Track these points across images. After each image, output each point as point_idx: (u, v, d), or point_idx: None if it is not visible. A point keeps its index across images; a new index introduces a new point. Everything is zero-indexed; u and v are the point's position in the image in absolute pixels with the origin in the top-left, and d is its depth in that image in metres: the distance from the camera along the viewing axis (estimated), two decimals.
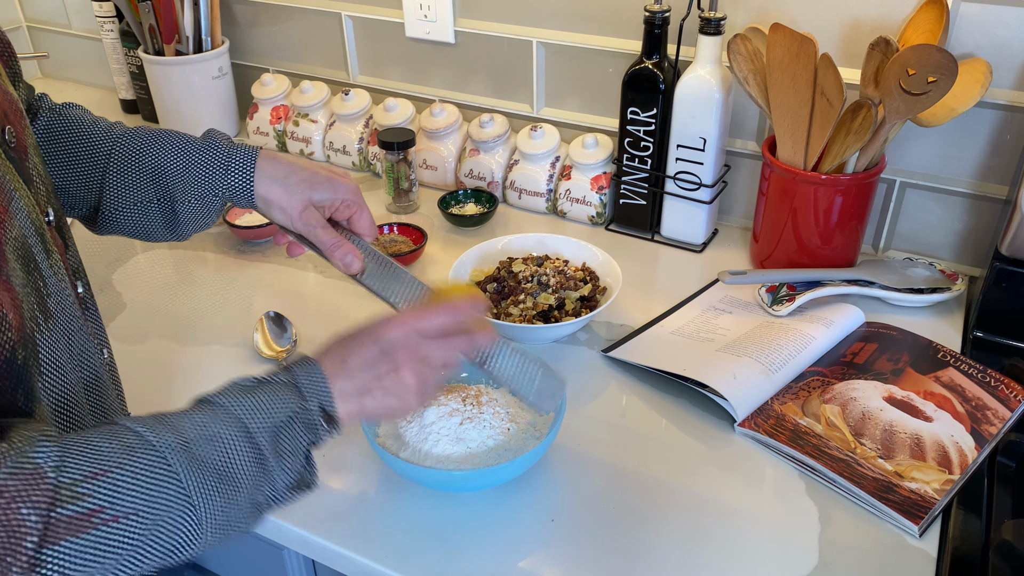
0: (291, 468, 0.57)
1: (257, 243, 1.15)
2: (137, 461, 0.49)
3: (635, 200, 1.14)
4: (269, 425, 0.56)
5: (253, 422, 0.55)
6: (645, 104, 1.06)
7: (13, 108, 0.58)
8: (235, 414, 0.55)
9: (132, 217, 0.74)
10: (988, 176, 1.00)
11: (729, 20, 1.04)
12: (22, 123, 0.59)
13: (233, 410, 0.55)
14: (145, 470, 0.49)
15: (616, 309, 1.00)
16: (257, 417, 0.56)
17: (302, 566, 0.83)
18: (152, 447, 0.50)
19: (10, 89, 0.59)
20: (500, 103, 1.27)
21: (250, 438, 0.55)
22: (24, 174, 0.57)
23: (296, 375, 0.59)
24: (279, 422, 0.56)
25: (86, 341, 0.61)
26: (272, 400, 0.57)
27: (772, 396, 0.84)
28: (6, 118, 0.56)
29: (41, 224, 0.56)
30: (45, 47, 1.73)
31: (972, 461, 0.75)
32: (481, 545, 0.70)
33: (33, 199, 0.56)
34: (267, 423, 0.56)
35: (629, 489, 0.75)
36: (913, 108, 0.87)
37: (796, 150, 0.96)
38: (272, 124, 1.39)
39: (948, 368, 0.87)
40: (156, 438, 0.51)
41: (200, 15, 1.32)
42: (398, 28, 1.29)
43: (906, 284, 0.98)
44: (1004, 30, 0.92)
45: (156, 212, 0.74)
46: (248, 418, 0.55)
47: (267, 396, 0.57)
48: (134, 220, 0.74)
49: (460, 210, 1.21)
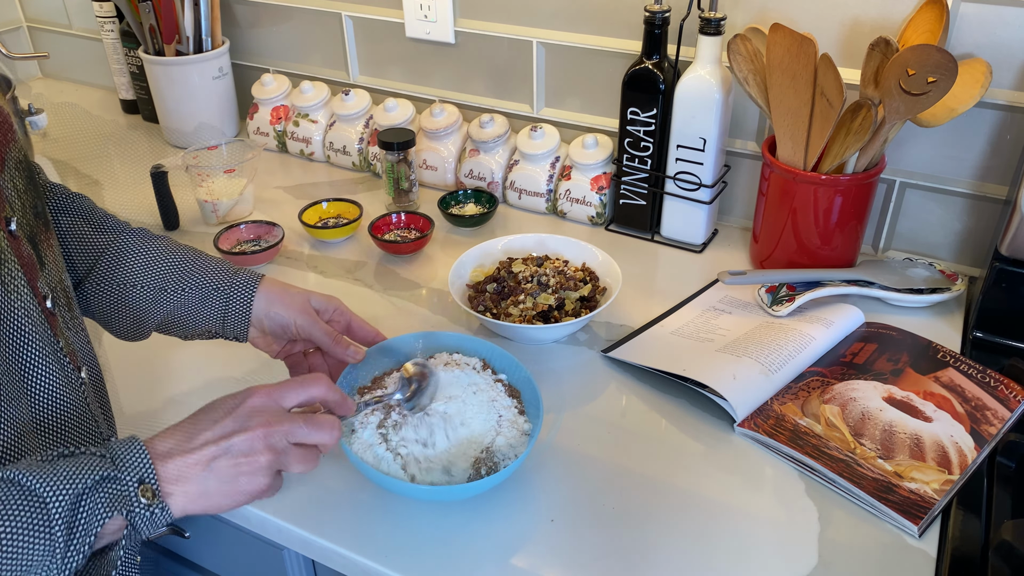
0: (78, 550, 0.50)
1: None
2: None
3: (635, 200, 1.14)
4: (68, 493, 0.49)
5: (47, 489, 0.49)
6: (645, 104, 1.06)
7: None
8: (26, 485, 0.49)
9: (104, 307, 0.76)
10: (988, 176, 1.00)
11: (729, 20, 1.04)
12: (7, 136, 0.59)
13: (21, 480, 0.49)
14: None
15: (616, 309, 1.00)
16: (53, 483, 0.49)
17: (302, 566, 0.83)
18: None
19: (1, 102, 0.59)
20: (500, 103, 1.27)
21: (43, 508, 0.48)
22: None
23: (111, 447, 0.54)
24: (80, 490, 0.50)
25: (50, 361, 0.58)
26: (77, 467, 0.51)
27: (772, 396, 0.84)
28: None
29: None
30: (45, 47, 1.73)
31: (972, 461, 0.75)
32: (481, 545, 0.70)
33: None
34: (65, 491, 0.49)
35: (629, 489, 0.75)
36: (913, 108, 0.87)
37: (796, 150, 0.96)
38: (272, 124, 1.39)
39: (948, 368, 0.87)
40: None
41: (200, 15, 1.33)
42: (398, 28, 1.29)
43: (906, 284, 0.98)
44: (1004, 30, 0.92)
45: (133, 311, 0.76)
46: (41, 486, 0.49)
47: (71, 465, 0.51)
48: (105, 310, 0.76)
49: (460, 210, 1.21)
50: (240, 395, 0.60)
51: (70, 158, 1.41)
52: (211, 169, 1.18)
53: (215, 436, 0.57)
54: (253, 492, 0.58)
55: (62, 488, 0.50)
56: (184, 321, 0.77)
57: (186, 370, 0.92)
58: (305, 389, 0.62)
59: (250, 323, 0.76)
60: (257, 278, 0.77)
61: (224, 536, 0.84)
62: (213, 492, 0.56)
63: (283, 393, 0.61)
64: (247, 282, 0.76)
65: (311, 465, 0.61)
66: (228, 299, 0.76)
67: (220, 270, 0.77)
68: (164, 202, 1.18)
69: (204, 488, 0.56)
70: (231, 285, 0.76)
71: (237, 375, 0.90)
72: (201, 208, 1.20)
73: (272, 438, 0.58)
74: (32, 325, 0.56)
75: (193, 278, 0.76)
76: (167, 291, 0.75)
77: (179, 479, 0.55)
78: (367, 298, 1.04)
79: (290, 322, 0.75)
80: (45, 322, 0.58)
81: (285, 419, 0.59)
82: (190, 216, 1.22)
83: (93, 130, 1.53)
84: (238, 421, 0.58)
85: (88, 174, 1.35)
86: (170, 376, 0.91)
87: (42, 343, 0.57)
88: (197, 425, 0.58)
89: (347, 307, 0.79)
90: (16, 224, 0.58)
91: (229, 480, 0.56)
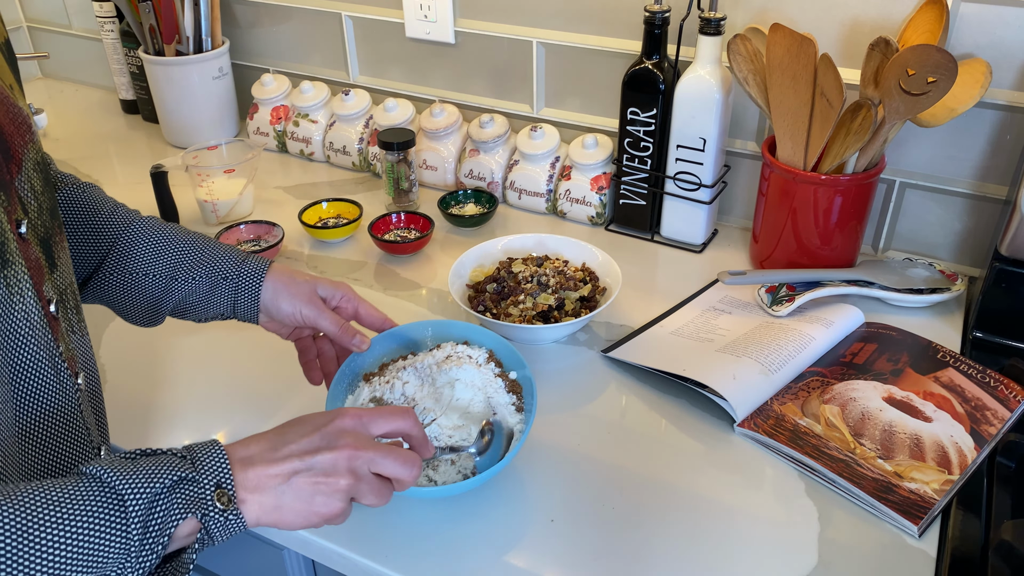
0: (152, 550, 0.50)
1: None
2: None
3: (635, 200, 1.14)
4: (147, 492, 0.49)
5: (126, 486, 0.49)
6: (645, 104, 1.06)
7: (16, 121, 0.57)
8: (107, 481, 0.49)
9: (118, 296, 0.77)
10: (988, 176, 1.00)
11: (729, 20, 1.04)
12: (25, 137, 0.58)
13: (102, 476, 0.49)
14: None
15: (616, 309, 1.00)
16: (132, 481, 0.49)
17: (302, 566, 0.83)
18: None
19: (21, 104, 0.59)
20: (500, 103, 1.27)
21: (120, 505, 0.49)
22: (2, 183, 0.55)
23: (193, 448, 0.54)
24: (158, 489, 0.50)
25: (46, 366, 0.57)
26: (156, 467, 0.51)
27: (772, 396, 0.84)
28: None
29: (4, 233, 0.53)
30: (45, 47, 1.73)
31: (971, 461, 0.75)
32: (481, 545, 0.70)
33: (1, 208, 0.53)
34: (145, 489, 0.49)
35: (629, 489, 0.75)
36: (913, 108, 0.87)
37: (796, 150, 0.96)
38: (272, 124, 1.39)
39: (948, 368, 0.87)
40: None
41: (200, 15, 1.32)
42: (398, 28, 1.29)
43: (906, 284, 0.98)
44: (1004, 30, 0.92)
45: (147, 299, 0.77)
46: (121, 483, 0.49)
47: (151, 464, 0.51)
48: (119, 298, 0.77)
49: (460, 210, 1.21)
50: (331, 414, 0.59)
51: (70, 158, 1.41)
52: (211, 169, 1.18)
53: (300, 450, 0.56)
54: (326, 515, 0.56)
55: (141, 486, 0.49)
56: (196, 307, 0.78)
57: (183, 376, 0.92)
58: (394, 421, 0.61)
59: (259, 311, 0.77)
60: (264, 267, 0.77)
61: None
62: (287, 507, 0.55)
63: (373, 420, 0.60)
64: (254, 272, 0.77)
65: (384, 500, 0.59)
66: (237, 288, 0.76)
67: (229, 258, 0.78)
68: (164, 202, 1.18)
69: (279, 501, 0.55)
70: (239, 274, 0.77)
71: (240, 380, 0.90)
72: (201, 208, 1.20)
73: (356, 461, 0.57)
74: (30, 329, 0.56)
75: (203, 267, 0.77)
76: (178, 279, 0.76)
77: (256, 488, 0.54)
78: (367, 298, 1.03)
79: (296, 312, 0.76)
80: (46, 326, 0.57)
81: (372, 446, 0.58)
82: (190, 216, 1.22)
83: (93, 130, 1.53)
84: (326, 439, 0.57)
85: (88, 174, 1.35)
86: (166, 382, 0.91)
87: (39, 348, 0.57)
88: (284, 437, 0.57)
89: (355, 293, 0.79)
90: (28, 226, 0.57)
91: (306, 498, 0.55)
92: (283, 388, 0.87)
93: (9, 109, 0.57)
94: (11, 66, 0.61)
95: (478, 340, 0.82)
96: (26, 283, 0.56)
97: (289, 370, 0.82)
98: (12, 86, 0.59)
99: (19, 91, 0.61)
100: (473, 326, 0.82)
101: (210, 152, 1.23)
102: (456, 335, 0.82)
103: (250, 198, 1.23)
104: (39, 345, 0.57)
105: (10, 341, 0.54)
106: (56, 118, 1.57)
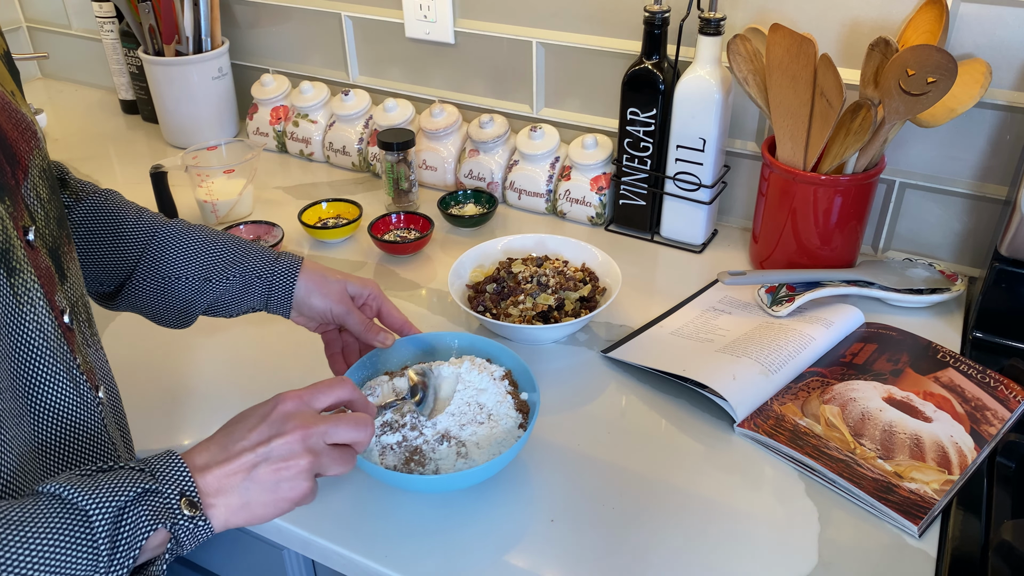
0: (122, 564, 0.49)
1: None
2: None
3: (635, 201, 1.14)
4: (111, 507, 0.48)
5: (89, 502, 0.48)
6: (645, 104, 1.06)
7: (20, 127, 0.57)
8: (68, 499, 0.48)
9: (151, 302, 0.78)
10: (988, 176, 1.00)
11: (729, 20, 1.04)
12: (30, 143, 0.58)
13: (62, 494, 0.48)
14: None
15: (616, 310, 1.00)
16: (95, 497, 0.48)
17: (302, 566, 0.83)
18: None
19: (24, 110, 0.58)
20: (500, 103, 1.27)
21: (86, 522, 0.48)
22: (7, 187, 0.54)
23: (149, 461, 0.53)
24: (122, 503, 0.49)
25: (63, 378, 0.56)
26: (117, 481, 0.50)
27: (771, 396, 0.84)
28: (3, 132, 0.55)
29: (10, 239, 0.52)
30: (45, 47, 1.73)
31: (971, 461, 0.75)
32: (481, 545, 0.70)
33: (7, 213, 0.53)
34: (108, 504, 0.48)
35: (629, 489, 0.75)
36: (913, 109, 0.87)
37: (796, 150, 0.96)
38: (272, 124, 1.39)
39: (947, 369, 0.87)
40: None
41: (200, 15, 1.33)
42: (398, 28, 1.29)
43: (906, 285, 0.98)
44: (1004, 30, 0.92)
45: (181, 302, 0.78)
46: (83, 500, 0.48)
47: (111, 478, 0.50)
48: (152, 304, 0.78)
49: (460, 211, 1.21)
50: (270, 402, 0.59)
51: (70, 158, 1.41)
52: (211, 169, 1.18)
53: (252, 443, 0.56)
54: (294, 498, 0.57)
55: (104, 501, 0.49)
56: (229, 306, 0.79)
57: (198, 380, 0.92)
58: (333, 392, 0.62)
59: (291, 308, 0.79)
60: (298, 264, 0.78)
61: (224, 536, 0.84)
62: (255, 502, 0.55)
63: (313, 396, 0.61)
64: (288, 269, 0.78)
65: (349, 466, 0.60)
66: (270, 286, 0.78)
67: (261, 256, 0.79)
68: (164, 202, 1.17)
69: (246, 499, 0.55)
70: (273, 272, 0.78)
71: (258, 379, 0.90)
72: (201, 208, 1.20)
73: (310, 440, 0.57)
74: (44, 339, 0.54)
75: (236, 267, 0.77)
76: (211, 281, 0.77)
77: (219, 491, 0.54)
78: None
79: (327, 310, 0.78)
80: (61, 337, 0.56)
81: (320, 420, 0.58)
82: (190, 216, 1.22)
83: (93, 130, 1.53)
84: (274, 426, 0.57)
85: (88, 174, 1.35)
86: (180, 387, 0.91)
87: (55, 359, 0.55)
88: (231, 435, 0.57)
89: (381, 292, 0.81)
90: (35, 234, 0.56)
91: (271, 488, 0.55)
92: (300, 383, 0.87)
93: (12, 115, 0.56)
94: (12, 74, 0.60)
95: (499, 359, 0.81)
96: (36, 292, 0.54)
97: (304, 367, 0.84)
98: (14, 92, 0.59)
99: (21, 97, 0.60)
100: (498, 345, 0.81)
101: (210, 152, 1.23)
102: (479, 350, 0.82)
103: (250, 198, 1.23)
104: (55, 357, 0.55)
105: (21, 352, 0.53)
106: (56, 118, 1.57)
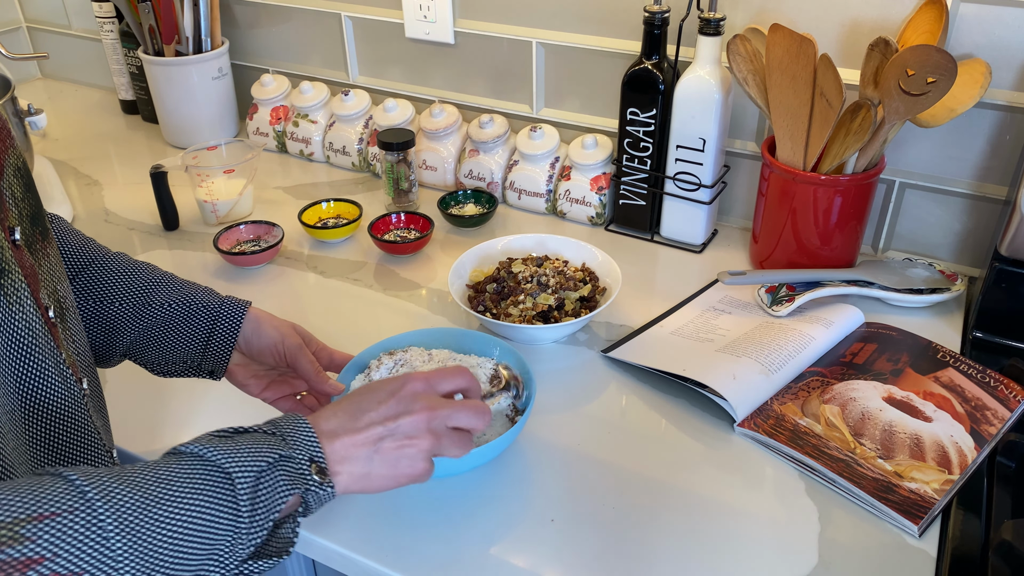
0: (261, 526, 0.51)
1: (249, 269, 1.11)
2: (75, 514, 0.44)
3: (635, 200, 1.14)
4: (252, 470, 0.50)
5: (232, 465, 0.50)
6: (645, 105, 1.06)
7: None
8: (212, 460, 0.50)
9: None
10: (987, 176, 1.00)
11: (729, 20, 1.04)
12: (5, 142, 0.58)
13: (207, 455, 0.50)
14: (80, 523, 0.43)
15: (616, 309, 1.00)
16: (237, 460, 0.50)
17: (302, 566, 0.83)
18: (86, 499, 0.44)
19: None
20: (500, 103, 1.27)
21: (229, 483, 0.49)
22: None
23: (279, 425, 0.55)
24: (262, 467, 0.51)
25: (52, 373, 0.56)
26: (255, 445, 0.52)
27: (772, 396, 0.84)
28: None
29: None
30: (45, 47, 1.73)
31: (972, 461, 0.75)
32: (481, 545, 0.70)
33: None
34: (250, 467, 0.50)
35: (629, 489, 0.75)
36: (912, 109, 0.87)
37: (795, 151, 0.96)
38: (272, 125, 1.39)
39: (948, 368, 0.87)
40: (95, 490, 0.45)
41: (200, 16, 1.33)
42: (398, 28, 1.29)
43: (905, 284, 0.98)
44: (1004, 30, 0.92)
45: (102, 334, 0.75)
46: (226, 462, 0.50)
47: (249, 442, 0.52)
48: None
49: (460, 211, 1.21)
50: (399, 379, 0.61)
51: (70, 158, 1.41)
52: (211, 169, 1.18)
53: (381, 417, 0.58)
54: (412, 475, 0.59)
55: (246, 465, 0.50)
56: (162, 341, 0.74)
57: None
58: (455, 379, 0.64)
59: (235, 346, 0.75)
60: (246, 302, 0.77)
61: None
62: (375, 474, 0.57)
63: (439, 380, 0.63)
64: (236, 304, 0.76)
65: (465, 450, 0.62)
66: (217, 316, 0.74)
67: (209, 291, 0.77)
68: (164, 202, 1.17)
69: (367, 470, 0.57)
70: (221, 303, 0.75)
71: None
72: (201, 208, 1.20)
73: (434, 421, 0.59)
74: (33, 337, 0.55)
75: (181, 294, 0.75)
76: (152, 305, 0.74)
77: (345, 459, 0.56)
78: (367, 298, 1.04)
79: (279, 341, 0.75)
80: (48, 333, 0.57)
81: (445, 404, 0.61)
82: (190, 216, 1.22)
83: (93, 130, 1.53)
84: (403, 403, 0.59)
85: (88, 174, 1.35)
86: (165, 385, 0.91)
87: (43, 355, 0.56)
88: (361, 405, 0.59)
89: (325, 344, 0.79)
90: (20, 234, 0.57)
91: (391, 462, 0.57)
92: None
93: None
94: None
95: (515, 365, 0.81)
96: (24, 291, 0.55)
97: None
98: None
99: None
100: (519, 356, 0.81)
101: (210, 152, 1.23)
102: (497, 358, 0.83)
103: (250, 198, 1.23)
104: (43, 354, 0.56)
105: (14, 351, 0.54)
106: (56, 118, 1.57)
